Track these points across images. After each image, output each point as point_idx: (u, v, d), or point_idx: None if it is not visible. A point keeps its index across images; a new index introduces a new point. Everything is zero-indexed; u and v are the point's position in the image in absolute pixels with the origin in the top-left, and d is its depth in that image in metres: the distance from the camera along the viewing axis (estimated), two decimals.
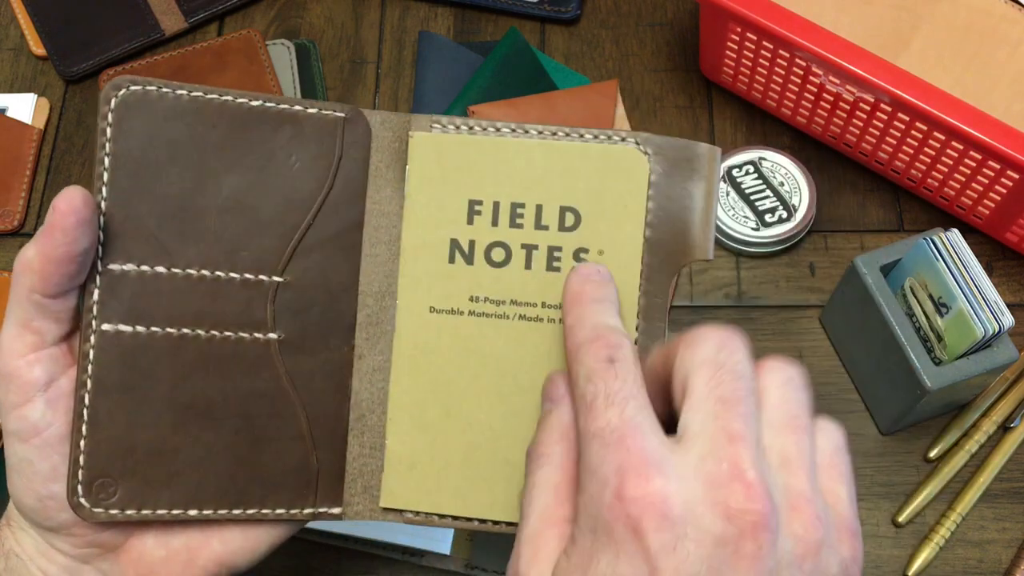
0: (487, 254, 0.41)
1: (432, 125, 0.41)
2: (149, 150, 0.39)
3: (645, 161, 0.40)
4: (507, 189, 0.41)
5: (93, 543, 0.40)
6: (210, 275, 0.40)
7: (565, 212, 0.41)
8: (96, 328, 0.38)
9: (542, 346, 0.41)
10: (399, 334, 0.41)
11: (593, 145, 0.40)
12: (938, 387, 0.54)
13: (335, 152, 0.41)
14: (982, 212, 0.63)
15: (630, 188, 0.40)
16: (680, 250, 0.40)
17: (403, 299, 0.41)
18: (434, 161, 0.41)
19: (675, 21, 0.75)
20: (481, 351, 0.41)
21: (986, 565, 0.58)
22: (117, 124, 0.39)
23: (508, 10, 0.75)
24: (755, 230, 0.65)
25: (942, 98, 0.57)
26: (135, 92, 0.39)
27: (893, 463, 0.60)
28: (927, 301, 0.55)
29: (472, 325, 0.41)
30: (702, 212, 0.40)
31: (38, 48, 0.74)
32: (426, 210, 0.41)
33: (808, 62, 0.62)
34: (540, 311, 0.41)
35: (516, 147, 0.41)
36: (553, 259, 0.40)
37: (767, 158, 0.66)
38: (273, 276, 0.40)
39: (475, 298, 0.41)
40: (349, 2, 0.77)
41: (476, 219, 0.41)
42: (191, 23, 0.75)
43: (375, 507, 0.41)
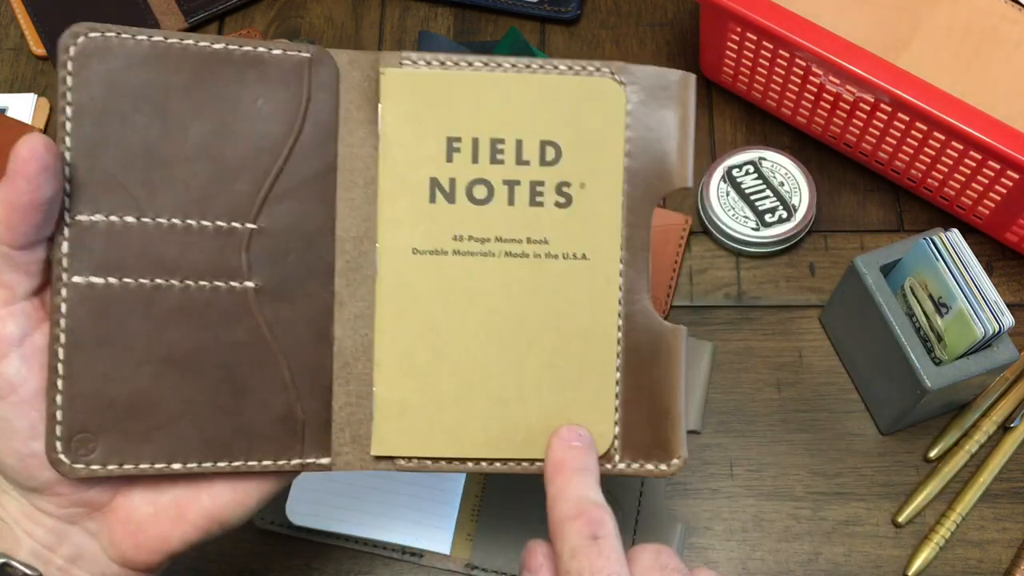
0: (469, 191, 0.40)
1: (402, 61, 0.40)
2: (111, 98, 0.38)
3: (621, 90, 0.40)
4: (485, 124, 0.40)
5: (78, 502, 0.39)
6: (181, 224, 0.39)
7: (545, 146, 0.40)
8: (67, 281, 0.38)
9: (529, 281, 0.41)
10: (382, 278, 0.40)
11: (569, 77, 0.40)
12: (938, 387, 0.54)
13: (303, 94, 0.40)
14: (982, 212, 0.63)
15: (608, 118, 0.40)
16: (660, 178, 0.41)
17: (384, 242, 0.40)
18: (408, 98, 0.40)
19: (675, 21, 0.75)
20: (468, 290, 0.40)
21: (986, 565, 0.58)
22: (77, 72, 0.38)
23: (508, 10, 0.75)
24: (755, 230, 0.65)
25: (942, 98, 0.57)
26: (94, 39, 0.38)
27: (893, 463, 0.60)
28: (927, 301, 0.55)
29: (457, 264, 0.40)
30: (679, 140, 0.41)
31: (38, 48, 0.74)
32: (402, 149, 0.40)
33: (808, 62, 0.62)
34: (526, 247, 0.41)
35: (492, 81, 0.40)
36: (536, 194, 0.40)
37: (767, 158, 0.66)
38: (246, 223, 0.39)
39: (458, 237, 0.40)
40: (349, 2, 0.77)
41: (455, 156, 0.40)
42: (191, 23, 0.75)
43: (365, 456, 0.41)
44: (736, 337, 0.64)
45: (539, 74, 0.40)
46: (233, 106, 0.39)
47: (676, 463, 0.41)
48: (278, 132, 0.39)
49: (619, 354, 0.41)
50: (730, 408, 0.62)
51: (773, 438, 0.61)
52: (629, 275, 0.41)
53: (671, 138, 0.41)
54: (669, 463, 0.41)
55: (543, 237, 0.41)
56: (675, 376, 0.41)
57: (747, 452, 0.61)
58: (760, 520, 0.59)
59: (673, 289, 0.65)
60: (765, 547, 0.58)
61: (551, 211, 0.41)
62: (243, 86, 0.39)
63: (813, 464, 0.61)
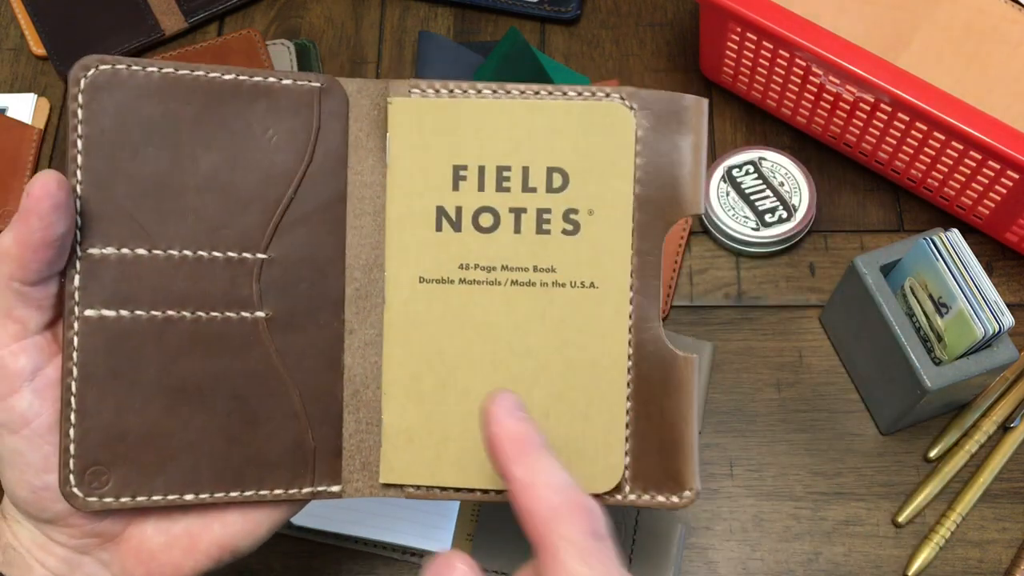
0: (475, 220, 0.40)
1: (411, 90, 0.40)
2: (122, 130, 0.38)
3: (631, 116, 0.40)
4: (492, 152, 0.40)
5: (91, 533, 0.39)
6: (192, 255, 0.39)
7: (552, 173, 0.40)
8: (79, 314, 0.38)
9: (536, 310, 0.40)
10: (389, 306, 0.40)
11: (577, 102, 0.40)
12: (938, 387, 0.54)
13: (313, 123, 0.40)
14: (982, 212, 0.63)
15: (617, 144, 0.40)
16: (671, 205, 0.40)
17: (391, 270, 0.40)
18: (415, 127, 0.40)
19: (675, 21, 0.75)
20: (474, 319, 0.40)
21: (986, 565, 0.58)
22: (88, 105, 0.38)
23: (508, 10, 0.75)
24: (755, 230, 0.65)
25: (942, 98, 0.57)
26: (104, 72, 0.38)
27: (893, 463, 0.60)
28: (927, 301, 0.55)
29: (463, 293, 0.40)
30: (691, 165, 0.40)
31: (38, 48, 0.74)
32: (409, 178, 0.40)
33: (808, 62, 0.62)
34: (532, 275, 0.40)
35: (499, 108, 0.40)
36: (543, 221, 0.40)
37: (767, 158, 0.66)
38: (257, 253, 0.39)
39: (465, 265, 0.40)
40: (349, 2, 0.77)
41: (462, 184, 0.40)
42: (191, 23, 0.75)
43: (375, 483, 0.41)
44: (736, 337, 0.64)
45: (547, 100, 0.40)
46: (243, 137, 0.39)
47: (688, 495, 0.40)
48: (288, 162, 0.39)
49: (629, 383, 0.40)
50: (730, 408, 0.62)
51: (773, 438, 0.61)
52: (639, 303, 0.40)
53: (683, 164, 0.40)
54: (681, 495, 0.40)
55: (550, 265, 0.40)
56: (687, 406, 0.40)
57: (747, 452, 0.61)
58: (760, 520, 0.59)
59: (673, 289, 0.65)
60: (765, 547, 0.58)
61: (558, 239, 0.40)
62: (253, 117, 0.39)
63: (813, 464, 0.61)
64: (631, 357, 0.40)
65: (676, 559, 0.57)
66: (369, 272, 0.41)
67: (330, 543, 0.59)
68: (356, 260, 0.40)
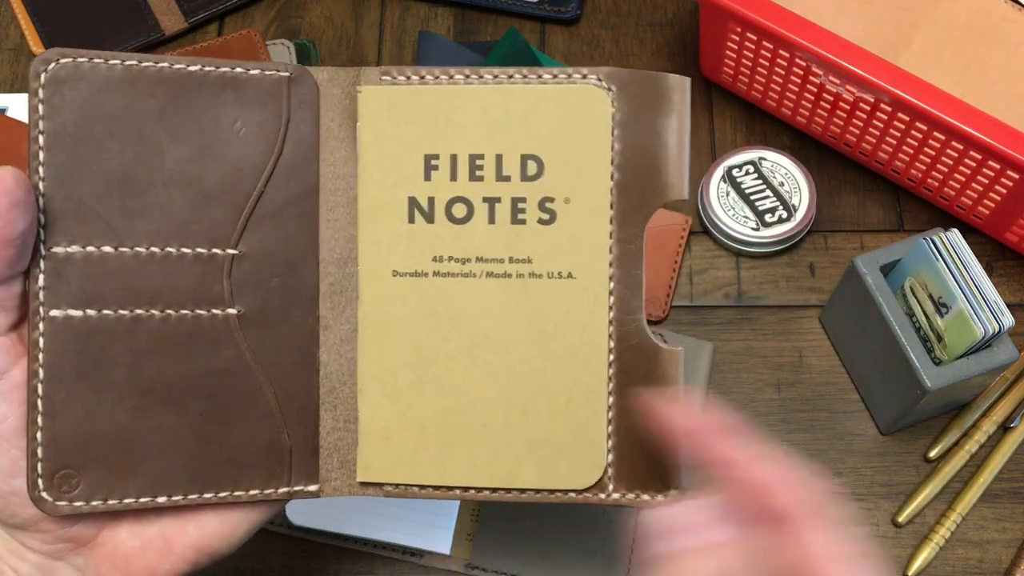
0: (448, 211, 0.39)
1: (382, 77, 0.39)
2: (85, 125, 0.37)
3: (606, 98, 0.38)
4: (464, 140, 0.39)
5: (63, 538, 0.39)
6: (160, 252, 0.38)
7: (527, 160, 0.38)
8: (44, 315, 0.37)
9: (513, 302, 0.39)
10: (363, 300, 0.39)
11: (551, 86, 0.38)
12: (938, 387, 0.54)
13: (282, 114, 0.39)
14: (982, 212, 0.63)
15: (593, 128, 0.38)
16: (653, 191, 0.38)
17: (364, 264, 0.39)
18: (385, 115, 0.39)
19: (675, 21, 0.75)
20: (449, 312, 0.39)
21: (986, 565, 0.58)
22: (49, 100, 0.37)
23: (508, 10, 0.75)
24: (755, 230, 0.65)
25: (942, 98, 0.57)
26: (65, 65, 0.37)
27: (893, 463, 0.60)
28: (927, 301, 0.55)
29: (437, 286, 0.39)
30: (675, 148, 0.38)
31: (38, 48, 0.74)
32: (380, 169, 0.39)
33: (808, 62, 0.62)
34: (508, 266, 0.39)
35: (471, 94, 0.38)
36: (518, 211, 0.39)
37: (767, 158, 0.66)
38: (227, 249, 0.38)
39: (438, 258, 0.39)
40: (349, 2, 0.77)
41: (433, 175, 0.39)
42: (191, 23, 0.75)
43: (353, 482, 0.40)
44: (736, 337, 0.64)
45: (520, 84, 0.38)
46: (211, 129, 0.38)
47: (673, 493, 0.39)
48: (258, 154, 0.38)
49: (611, 377, 0.39)
50: (730, 408, 0.62)
51: (773, 438, 0.61)
52: (620, 294, 0.39)
53: (665, 147, 0.38)
54: (666, 494, 0.39)
55: (526, 256, 0.39)
56: None
57: None
58: None
59: (673, 289, 0.65)
60: None
61: (534, 228, 0.39)
62: (221, 108, 0.38)
63: (813, 464, 0.60)
64: (612, 350, 0.39)
65: None
66: (344, 266, 0.39)
67: (330, 543, 0.59)
68: (330, 254, 0.39)
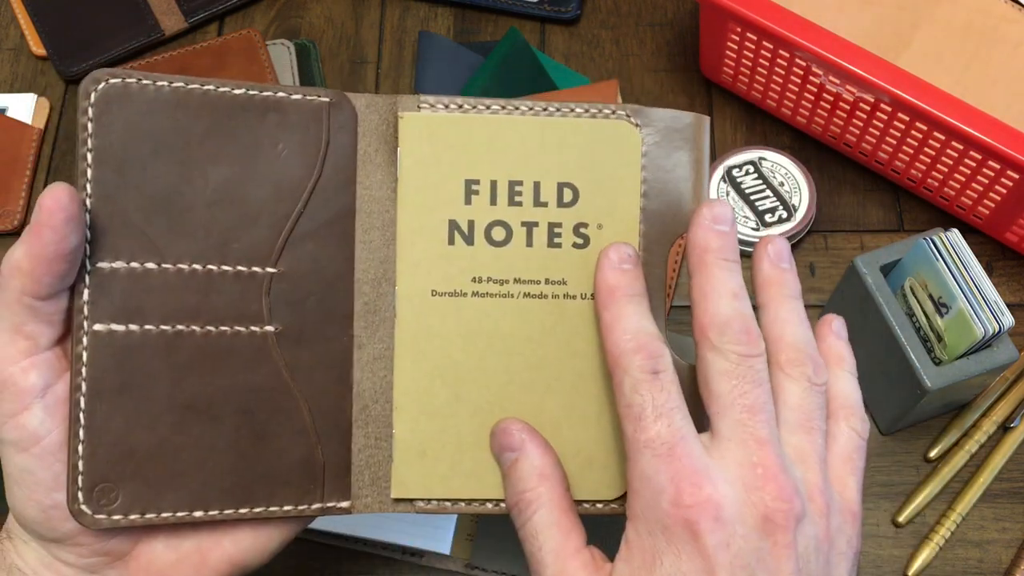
0: (487, 233, 0.40)
1: (420, 105, 0.40)
2: (132, 144, 0.38)
3: (636, 133, 0.41)
4: (503, 167, 0.40)
5: (100, 552, 0.39)
6: (202, 269, 0.39)
7: (563, 188, 0.41)
8: (88, 329, 0.37)
9: (548, 322, 0.41)
10: (400, 320, 0.40)
11: (585, 120, 0.41)
12: (938, 387, 0.54)
13: (322, 138, 0.40)
14: (982, 212, 0.63)
15: (624, 160, 0.41)
16: (675, 219, 0.41)
17: (403, 284, 0.40)
18: (425, 142, 0.40)
19: (675, 21, 0.75)
20: (487, 331, 0.40)
21: (986, 565, 0.58)
22: (98, 119, 0.38)
23: (508, 10, 0.75)
24: (755, 230, 0.65)
25: (942, 98, 0.57)
26: (115, 85, 0.38)
27: (893, 463, 0.60)
28: (927, 301, 0.55)
29: (476, 306, 0.40)
30: (694, 181, 0.41)
31: (38, 48, 0.74)
32: (421, 192, 0.40)
33: (808, 62, 0.62)
34: (544, 287, 0.41)
35: (508, 124, 0.40)
36: (554, 235, 0.40)
37: (767, 158, 0.67)
38: (266, 267, 0.39)
39: (477, 278, 0.40)
40: (349, 2, 0.77)
41: (474, 199, 0.40)
42: (191, 23, 0.75)
43: (385, 499, 0.41)
44: None
45: (556, 117, 0.41)
46: (253, 151, 0.39)
47: None
48: (298, 176, 0.40)
49: None
50: None
51: None
52: None
53: (686, 179, 0.41)
54: None
55: (561, 278, 0.41)
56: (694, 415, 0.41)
57: None
58: None
59: (673, 289, 0.65)
60: None
61: (569, 252, 0.41)
62: (263, 131, 0.39)
63: None
64: None
65: None
66: (378, 286, 0.41)
67: (330, 543, 0.59)
68: (365, 274, 0.41)
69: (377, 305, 0.41)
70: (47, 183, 0.71)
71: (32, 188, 0.70)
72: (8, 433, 0.37)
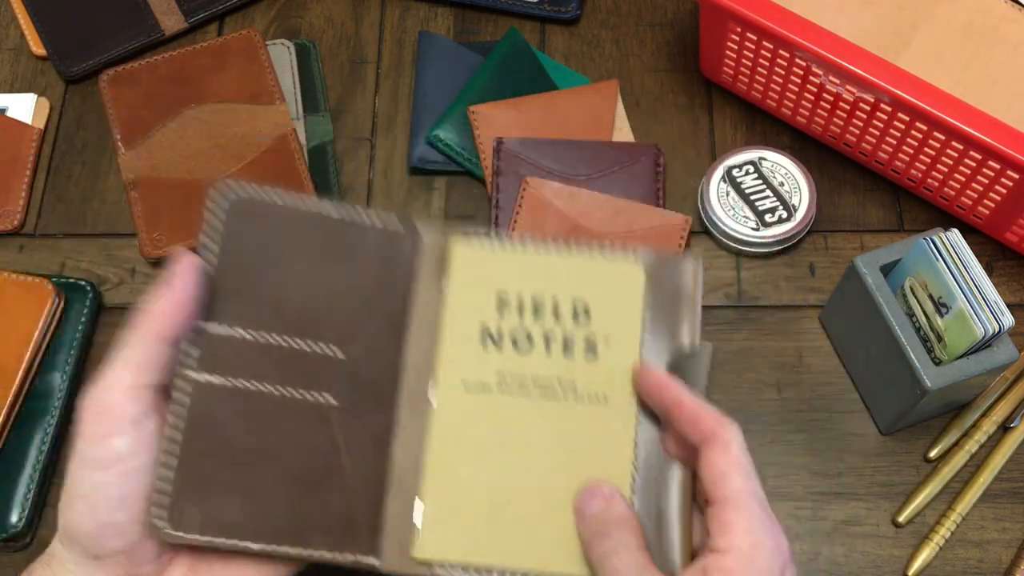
0: (513, 340, 0.48)
1: (467, 236, 0.50)
2: (246, 242, 0.47)
3: (640, 270, 0.49)
4: (530, 288, 0.49)
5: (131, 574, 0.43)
6: (286, 344, 0.47)
7: (578, 308, 0.49)
8: (189, 377, 0.45)
9: (559, 417, 0.47)
10: (437, 407, 0.48)
11: (599, 258, 0.50)
12: (938, 387, 0.54)
13: (392, 256, 0.49)
14: (982, 212, 0.63)
15: (630, 290, 0.49)
16: (671, 340, 0.49)
17: (441, 377, 0.48)
18: (469, 265, 0.49)
19: (675, 21, 0.75)
20: (507, 422, 0.47)
21: (986, 565, 0.58)
22: (227, 223, 0.47)
23: (508, 10, 0.75)
24: (755, 230, 0.65)
25: (942, 98, 0.57)
26: (242, 197, 0.48)
27: (893, 463, 0.60)
28: (927, 301, 0.55)
29: (499, 400, 0.48)
30: (688, 311, 0.49)
31: (38, 48, 0.74)
32: (462, 304, 0.49)
33: (808, 62, 0.62)
34: (557, 388, 0.48)
35: (537, 256, 0.50)
36: (568, 345, 0.48)
37: (767, 158, 0.67)
38: (337, 352, 0.47)
39: (502, 377, 0.48)
40: (349, 2, 0.77)
41: (504, 312, 0.49)
42: (191, 23, 0.75)
43: (407, 559, 0.46)
44: (736, 337, 0.64)
45: (575, 255, 0.50)
46: (339, 259, 0.48)
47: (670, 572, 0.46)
48: (370, 283, 0.48)
49: (634, 477, 0.47)
50: (730, 408, 0.62)
51: (773, 438, 0.61)
52: (641, 414, 0.48)
53: (681, 310, 0.49)
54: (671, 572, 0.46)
55: (573, 382, 0.48)
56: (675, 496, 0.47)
57: None
58: None
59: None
60: None
61: (580, 360, 0.48)
62: (350, 246, 0.48)
63: (813, 464, 0.61)
64: (635, 462, 0.47)
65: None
66: (421, 378, 0.48)
67: None
68: (412, 367, 0.48)
69: (418, 393, 0.48)
70: (47, 183, 0.71)
71: (32, 188, 0.70)
72: (95, 451, 0.41)
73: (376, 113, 0.73)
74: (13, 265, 0.67)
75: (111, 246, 0.68)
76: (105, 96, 0.71)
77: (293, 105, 0.71)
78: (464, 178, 0.70)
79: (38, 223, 0.69)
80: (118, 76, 0.72)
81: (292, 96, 0.72)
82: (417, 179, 0.70)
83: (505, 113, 0.69)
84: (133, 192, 0.68)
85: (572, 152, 0.68)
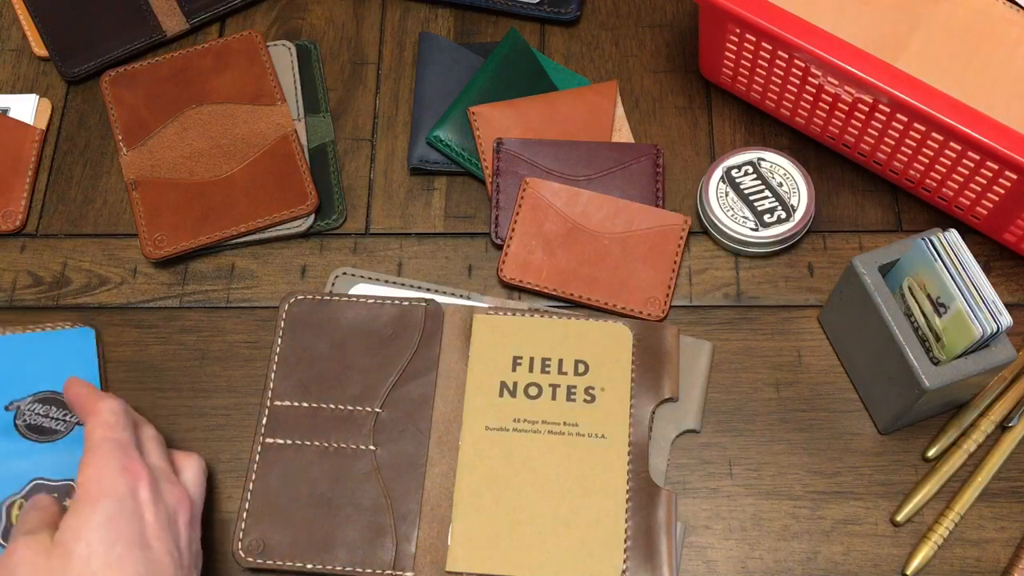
0: (526, 391, 0.61)
1: (488, 311, 0.63)
2: (303, 336, 0.63)
3: (629, 332, 0.63)
4: (539, 349, 0.62)
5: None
6: (335, 408, 0.61)
7: (578, 363, 0.62)
8: (262, 441, 0.60)
9: (564, 451, 0.60)
10: (463, 446, 0.60)
11: (596, 323, 0.63)
12: (936, 387, 0.54)
13: (420, 330, 0.63)
14: (980, 212, 0.63)
15: (621, 348, 0.62)
16: (655, 388, 0.61)
17: (467, 423, 0.60)
18: (489, 333, 0.63)
19: (674, 22, 0.75)
20: (521, 456, 0.59)
21: (984, 564, 0.58)
22: (288, 321, 0.63)
23: (508, 11, 0.75)
24: (754, 230, 0.65)
25: (940, 99, 0.58)
26: (300, 301, 0.64)
27: (891, 462, 0.61)
28: (925, 301, 0.55)
29: (515, 438, 0.60)
30: (669, 366, 0.62)
31: (40, 49, 0.75)
32: (483, 364, 0.62)
33: (807, 63, 0.62)
34: (563, 428, 0.60)
35: (544, 323, 0.63)
36: (571, 393, 0.61)
37: (766, 158, 0.67)
38: (376, 409, 0.61)
39: (517, 420, 0.60)
40: (350, 3, 0.77)
41: (518, 368, 0.62)
42: (192, 24, 0.75)
43: (441, 572, 0.57)
44: (735, 337, 0.64)
45: (576, 321, 0.63)
46: (375, 336, 0.63)
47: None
48: (402, 354, 0.62)
49: (628, 504, 0.58)
50: (729, 408, 0.62)
51: (772, 437, 0.61)
52: (634, 450, 0.59)
53: (662, 364, 0.62)
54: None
55: (575, 422, 0.60)
56: (665, 520, 0.58)
57: (746, 451, 0.61)
58: (759, 519, 0.59)
59: (672, 289, 0.65)
60: (764, 546, 0.59)
61: (581, 405, 0.61)
62: (383, 323, 0.63)
63: (812, 463, 0.61)
64: (628, 487, 0.58)
65: (675, 557, 0.57)
66: (449, 424, 0.60)
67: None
68: (441, 416, 0.61)
69: (447, 437, 0.60)
70: (49, 183, 0.71)
71: (34, 189, 0.70)
72: None
73: (376, 114, 0.73)
74: (15, 265, 0.68)
75: (112, 246, 0.69)
76: (107, 97, 0.72)
77: (294, 106, 0.72)
78: (464, 178, 0.70)
79: (40, 223, 0.69)
80: (119, 77, 0.72)
81: (293, 97, 0.72)
82: (417, 179, 0.70)
83: (505, 114, 0.69)
84: (134, 192, 0.68)
85: (572, 152, 0.68)
